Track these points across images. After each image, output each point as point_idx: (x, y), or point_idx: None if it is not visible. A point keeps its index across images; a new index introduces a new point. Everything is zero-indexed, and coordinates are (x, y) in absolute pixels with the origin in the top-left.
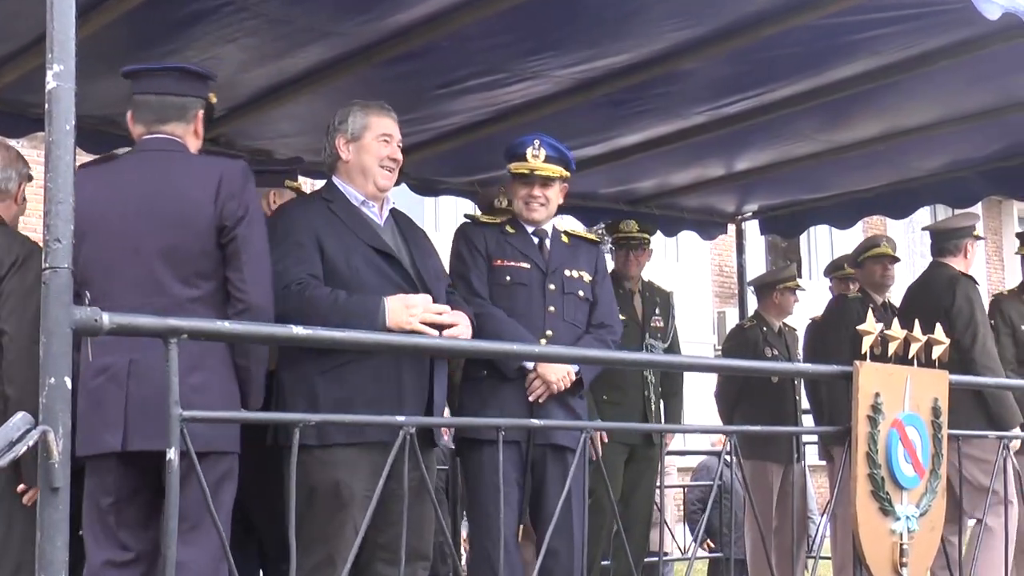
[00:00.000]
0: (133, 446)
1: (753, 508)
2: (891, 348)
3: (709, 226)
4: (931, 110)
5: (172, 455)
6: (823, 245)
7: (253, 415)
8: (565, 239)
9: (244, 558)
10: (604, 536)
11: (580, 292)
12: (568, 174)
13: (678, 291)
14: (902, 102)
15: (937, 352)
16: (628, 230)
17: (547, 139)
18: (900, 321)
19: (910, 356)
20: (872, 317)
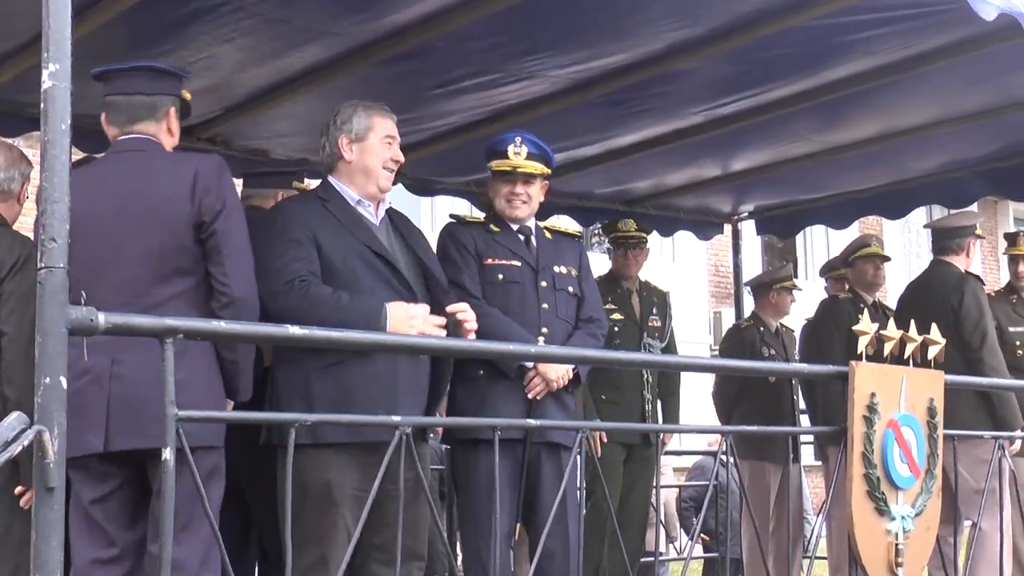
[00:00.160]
0: (115, 446)
1: (749, 508)
2: (887, 348)
3: (705, 226)
4: (927, 110)
5: (167, 455)
6: (819, 245)
7: (250, 415)
8: (548, 235)
9: (241, 557)
10: (605, 538)
11: (570, 288)
12: (549, 171)
13: (674, 291)
14: (898, 102)
15: (933, 352)
16: (627, 229)
17: (528, 136)
18: (899, 319)
19: (906, 356)
20: (868, 317)
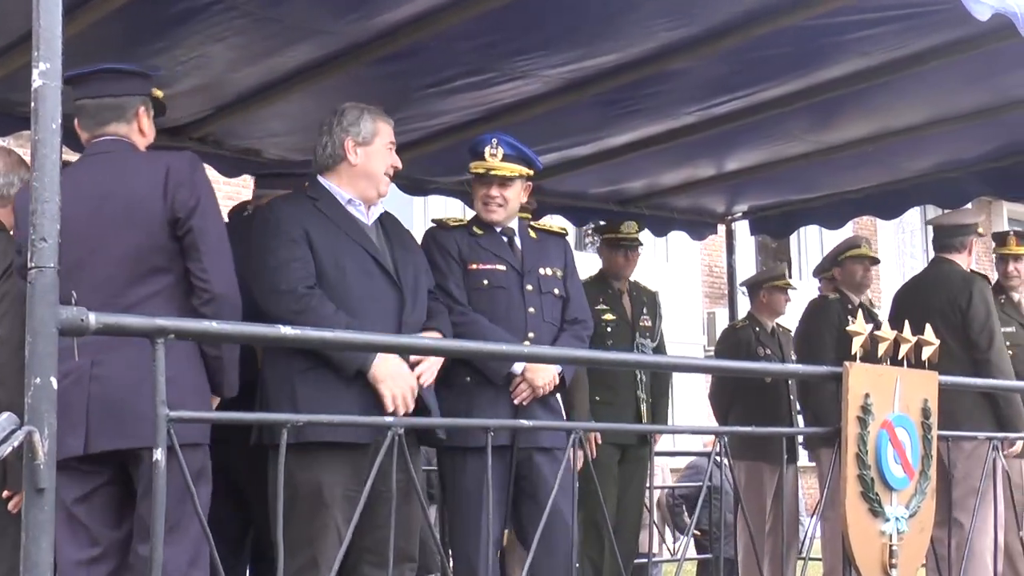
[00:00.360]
0: (95, 448)
1: (743, 509)
2: (881, 349)
3: (699, 226)
4: (922, 110)
5: (159, 455)
6: (813, 246)
7: (241, 415)
8: (532, 234)
9: (236, 558)
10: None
11: (555, 290)
12: (530, 172)
13: (668, 292)
14: (893, 102)
15: (927, 353)
16: (629, 231)
17: (505, 138)
18: (897, 317)
19: (900, 357)
20: (862, 318)
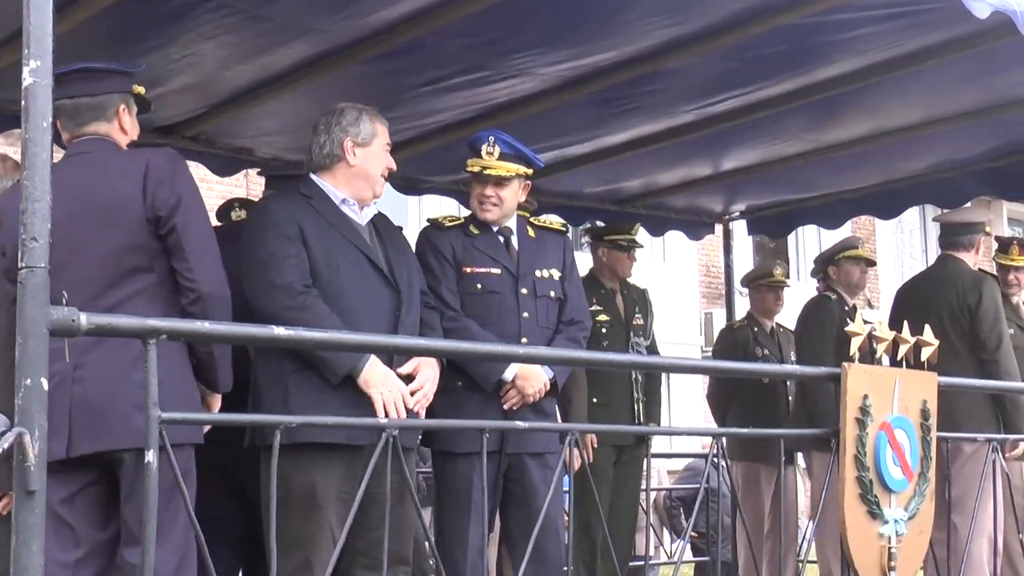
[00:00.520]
0: (78, 451)
1: (740, 511)
2: (879, 350)
3: (696, 226)
4: (920, 109)
5: (151, 457)
6: (811, 246)
7: (234, 417)
8: (531, 232)
9: (234, 558)
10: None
11: (551, 293)
12: (528, 171)
13: (665, 292)
14: (891, 101)
15: (926, 354)
16: (634, 233)
17: (503, 136)
18: (900, 314)
19: (899, 358)
20: (860, 319)
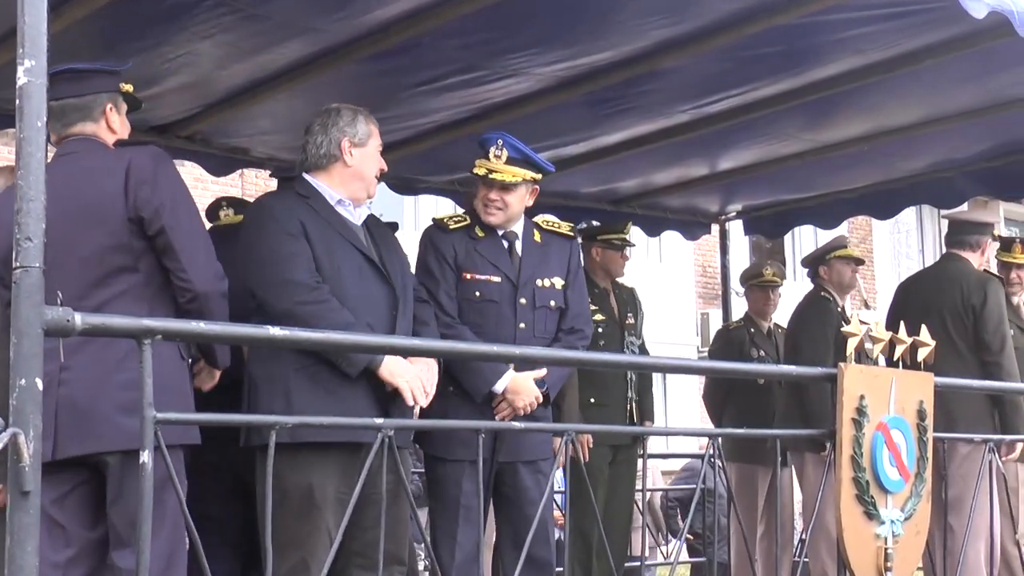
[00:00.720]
0: (64, 453)
1: (736, 512)
2: (876, 350)
3: (693, 226)
4: (917, 109)
5: (145, 458)
6: (808, 246)
7: (230, 417)
8: (537, 237)
9: (235, 558)
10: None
11: (551, 303)
12: (536, 177)
13: (661, 292)
14: (887, 101)
15: (923, 354)
16: (626, 231)
17: (511, 140)
18: (899, 313)
19: (895, 358)
20: (857, 319)
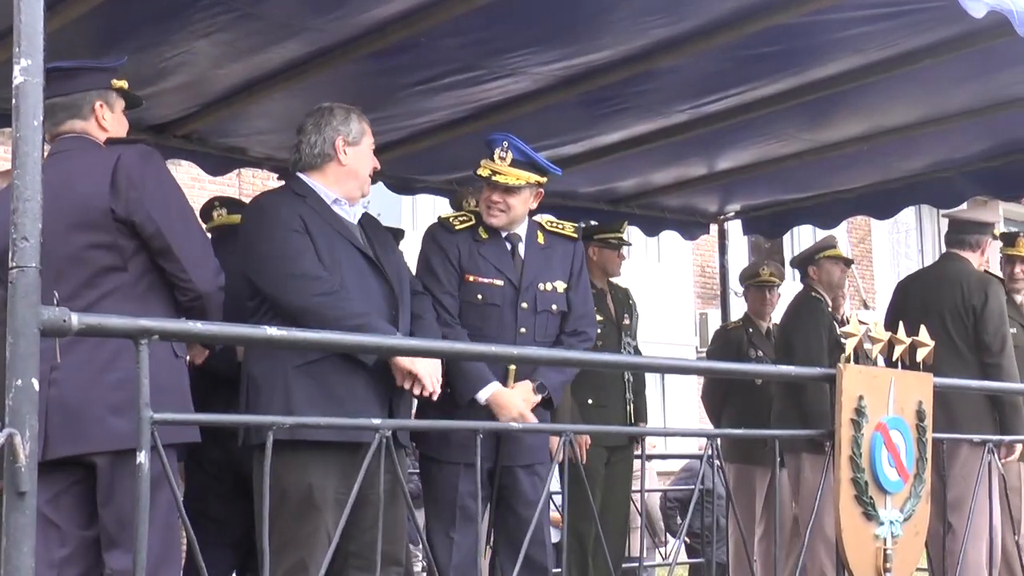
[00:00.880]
0: (54, 454)
1: (735, 513)
2: (875, 350)
3: (691, 226)
4: (916, 109)
5: (142, 458)
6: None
7: (227, 418)
8: (541, 238)
9: (234, 558)
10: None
11: (554, 307)
12: (541, 180)
13: (660, 292)
14: (886, 101)
15: (922, 355)
16: (623, 231)
17: (516, 143)
18: (898, 312)
19: (895, 358)
20: (856, 319)
